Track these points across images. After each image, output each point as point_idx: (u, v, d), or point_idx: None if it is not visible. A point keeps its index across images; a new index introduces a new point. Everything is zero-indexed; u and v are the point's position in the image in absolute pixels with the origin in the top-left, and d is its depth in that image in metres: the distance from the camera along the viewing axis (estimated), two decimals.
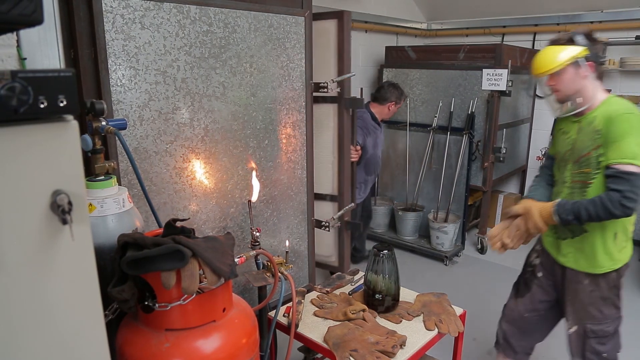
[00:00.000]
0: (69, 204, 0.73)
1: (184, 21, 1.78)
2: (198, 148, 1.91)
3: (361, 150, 3.32)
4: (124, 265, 1.15)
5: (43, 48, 1.52)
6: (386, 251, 1.89)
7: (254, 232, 1.73)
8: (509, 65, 3.78)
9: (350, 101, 2.42)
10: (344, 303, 1.96)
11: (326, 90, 2.30)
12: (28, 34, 1.46)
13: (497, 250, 1.93)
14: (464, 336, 2.02)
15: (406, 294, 2.08)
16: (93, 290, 0.83)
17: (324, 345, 1.69)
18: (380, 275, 1.88)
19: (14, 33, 1.39)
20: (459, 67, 4.15)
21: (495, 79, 3.79)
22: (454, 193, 4.21)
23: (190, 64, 1.82)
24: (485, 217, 4.42)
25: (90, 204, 1.28)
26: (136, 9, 1.65)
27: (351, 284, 2.18)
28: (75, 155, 0.77)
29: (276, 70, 2.15)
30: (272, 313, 1.79)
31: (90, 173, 1.35)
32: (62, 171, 0.75)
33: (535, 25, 4.95)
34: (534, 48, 4.94)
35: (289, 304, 1.83)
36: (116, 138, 1.52)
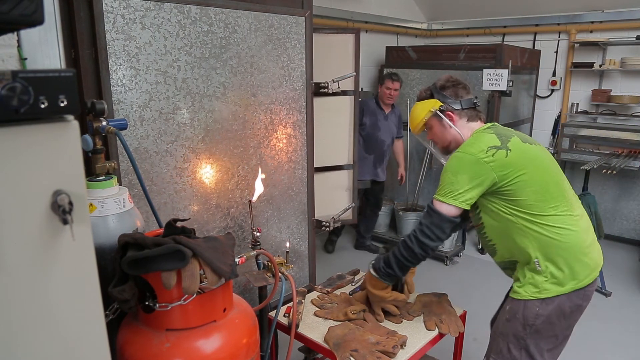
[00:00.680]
0: (70, 204, 0.73)
1: (184, 21, 1.78)
2: (198, 148, 1.91)
3: (360, 127, 3.78)
4: (125, 265, 1.15)
5: (44, 48, 1.52)
6: None
7: (255, 232, 1.73)
8: (510, 65, 3.78)
9: (362, 93, 2.78)
10: (345, 303, 1.96)
11: (326, 90, 2.32)
12: (29, 34, 1.46)
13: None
14: (465, 336, 2.02)
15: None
16: (94, 290, 0.83)
17: (325, 345, 1.69)
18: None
19: (15, 33, 1.39)
20: (459, 67, 4.15)
21: (495, 79, 3.79)
22: None
23: (190, 64, 1.82)
24: None
25: (90, 204, 1.28)
26: (137, 9, 1.65)
27: (351, 284, 2.18)
28: (75, 155, 0.77)
29: (276, 70, 2.15)
30: (273, 313, 1.79)
31: (90, 173, 1.35)
32: (63, 171, 0.75)
33: (536, 25, 4.95)
34: (535, 48, 4.94)
35: (290, 304, 1.83)
36: (117, 138, 1.52)
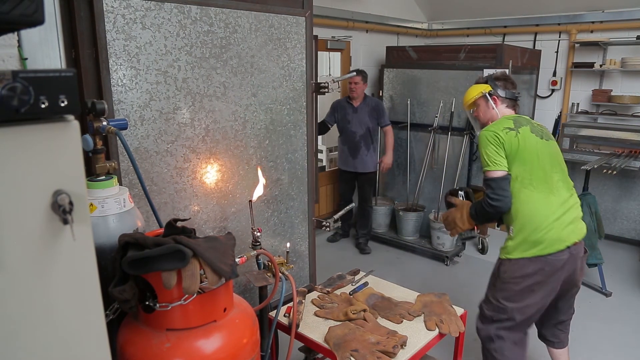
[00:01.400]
0: (70, 203, 0.73)
1: (184, 21, 1.78)
2: (199, 148, 1.91)
3: (336, 124, 4.39)
4: (125, 265, 1.15)
5: (44, 48, 1.52)
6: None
7: (255, 232, 1.73)
8: (510, 65, 3.78)
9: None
10: (345, 303, 1.96)
11: (327, 89, 2.32)
12: (29, 34, 1.46)
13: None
14: (465, 336, 2.02)
15: (407, 294, 2.08)
16: (94, 290, 0.83)
17: (325, 345, 1.69)
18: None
19: (15, 33, 1.39)
20: (459, 67, 4.15)
21: None
22: None
23: (191, 64, 1.82)
24: None
25: (91, 204, 1.28)
26: (137, 9, 1.65)
27: (352, 284, 2.18)
28: (76, 155, 0.77)
29: (277, 70, 2.15)
30: (273, 313, 1.79)
31: (91, 173, 1.35)
32: (63, 171, 0.75)
33: (537, 25, 4.95)
34: (535, 48, 4.94)
35: (290, 304, 1.83)
36: (117, 138, 1.52)
